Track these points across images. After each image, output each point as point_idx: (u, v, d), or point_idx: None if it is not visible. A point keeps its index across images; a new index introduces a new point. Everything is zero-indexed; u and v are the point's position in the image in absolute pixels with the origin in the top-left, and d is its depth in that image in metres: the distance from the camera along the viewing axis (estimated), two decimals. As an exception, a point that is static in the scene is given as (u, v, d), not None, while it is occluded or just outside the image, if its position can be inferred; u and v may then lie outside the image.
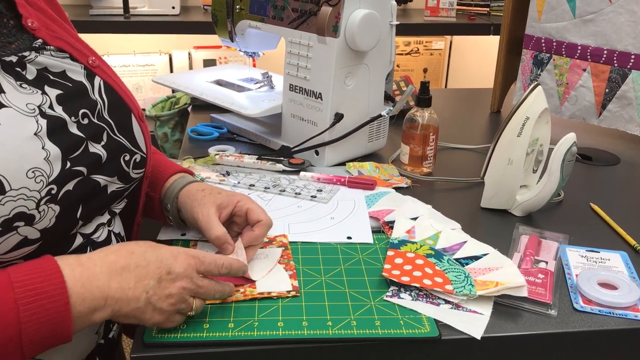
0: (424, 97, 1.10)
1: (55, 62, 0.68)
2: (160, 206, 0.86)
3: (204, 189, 0.83)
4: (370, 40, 1.07)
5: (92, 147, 0.68)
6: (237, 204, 0.81)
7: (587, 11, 1.29)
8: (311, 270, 0.80)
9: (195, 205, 0.80)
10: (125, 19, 2.31)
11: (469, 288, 0.75)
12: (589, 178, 1.18)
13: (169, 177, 0.86)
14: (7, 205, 0.57)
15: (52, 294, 0.57)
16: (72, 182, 0.64)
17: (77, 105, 0.67)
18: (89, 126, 0.68)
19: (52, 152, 0.61)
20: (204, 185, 0.85)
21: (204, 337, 0.66)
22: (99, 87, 0.72)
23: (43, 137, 0.61)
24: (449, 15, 2.58)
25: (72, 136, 0.65)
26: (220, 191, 0.83)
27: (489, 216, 0.99)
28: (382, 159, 1.21)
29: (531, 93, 0.94)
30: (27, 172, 0.58)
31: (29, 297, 0.56)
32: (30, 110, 0.61)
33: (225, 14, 1.25)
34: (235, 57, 2.60)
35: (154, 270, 0.64)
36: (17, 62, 0.64)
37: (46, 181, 0.60)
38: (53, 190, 0.61)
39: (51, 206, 0.61)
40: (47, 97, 0.64)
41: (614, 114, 1.31)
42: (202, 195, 0.81)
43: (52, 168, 0.61)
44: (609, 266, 0.84)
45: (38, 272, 0.58)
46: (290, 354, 0.67)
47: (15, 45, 0.65)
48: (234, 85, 1.34)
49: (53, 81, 0.66)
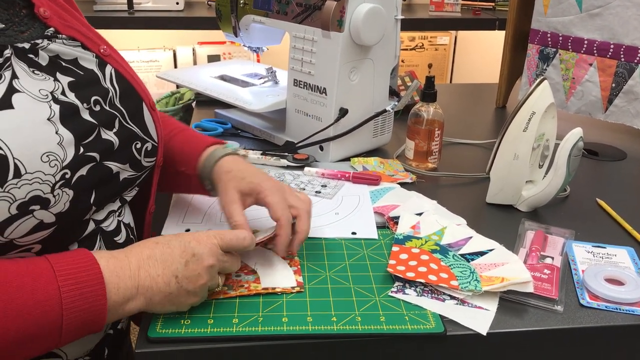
0: (429, 92, 1.10)
1: (67, 50, 0.68)
2: (198, 182, 0.86)
3: (230, 170, 0.81)
4: (375, 35, 1.06)
5: (105, 134, 0.68)
6: (258, 195, 0.79)
7: (594, 5, 1.28)
8: (316, 265, 0.80)
9: (220, 190, 0.80)
10: (130, 15, 2.31)
11: (475, 284, 0.75)
12: (595, 173, 1.17)
13: (204, 150, 0.85)
14: (23, 188, 0.57)
15: (91, 284, 0.59)
16: (86, 168, 0.65)
17: (89, 92, 0.68)
18: (101, 113, 0.68)
19: (65, 137, 0.62)
20: (230, 164, 0.83)
21: (208, 332, 0.66)
22: (111, 75, 0.72)
23: (56, 122, 0.62)
24: (454, 10, 2.57)
25: (84, 122, 0.66)
26: (245, 175, 0.80)
27: (494, 212, 0.98)
28: (387, 154, 1.21)
29: (537, 88, 0.94)
30: (42, 156, 0.59)
31: (70, 284, 0.58)
32: (43, 96, 0.62)
33: (229, 8, 1.25)
34: (239, 53, 2.60)
35: (180, 255, 0.65)
36: (30, 49, 0.64)
37: (60, 165, 0.61)
38: (67, 175, 0.62)
39: (65, 190, 0.62)
40: (60, 84, 0.65)
41: (621, 108, 1.30)
42: (227, 178, 0.80)
43: (65, 153, 0.62)
44: (615, 262, 0.83)
45: (78, 262, 0.60)
46: (295, 350, 0.67)
47: (28, 33, 0.66)
48: (238, 80, 1.34)
49: (65, 68, 0.67)
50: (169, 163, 0.86)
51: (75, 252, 0.62)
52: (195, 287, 0.65)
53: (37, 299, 0.56)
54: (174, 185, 0.91)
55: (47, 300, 0.56)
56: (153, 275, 0.64)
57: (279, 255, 0.78)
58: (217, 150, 0.86)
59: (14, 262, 0.58)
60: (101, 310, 0.60)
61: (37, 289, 0.56)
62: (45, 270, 0.58)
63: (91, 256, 0.61)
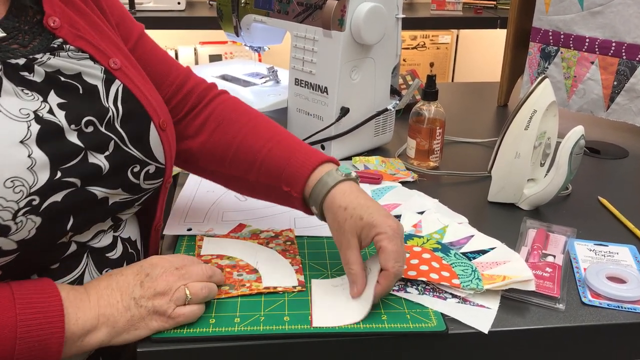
0: (430, 90, 1.10)
1: (70, 65, 0.65)
2: (302, 204, 0.78)
3: (347, 207, 0.71)
4: (376, 34, 1.06)
5: (92, 158, 0.64)
6: (374, 238, 0.70)
7: (595, 3, 1.28)
8: (317, 264, 0.80)
9: (336, 229, 0.73)
10: (131, 15, 2.31)
11: (476, 282, 0.75)
12: (597, 171, 1.17)
13: (314, 171, 0.76)
14: None
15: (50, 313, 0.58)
16: (61, 194, 0.61)
17: (83, 112, 0.64)
18: (93, 135, 0.65)
19: (38, 160, 0.58)
20: (346, 197, 0.72)
21: (209, 332, 0.66)
22: (116, 93, 0.69)
23: (31, 145, 0.58)
24: (456, 8, 2.57)
25: (67, 144, 0.62)
26: (363, 214, 0.70)
27: (496, 210, 0.98)
28: (388, 153, 1.21)
29: (538, 86, 0.94)
30: (5, 182, 0.56)
31: (28, 314, 0.57)
32: (23, 115, 0.59)
33: (230, 8, 1.25)
34: (241, 52, 2.60)
35: (134, 278, 0.66)
36: (24, 65, 0.62)
37: (27, 192, 0.57)
38: (34, 202, 0.58)
39: (31, 217, 0.58)
40: (47, 104, 0.62)
41: (622, 106, 1.30)
42: (343, 217, 0.71)
43: (36, 178, 0.58)
44: (617, 260, 0.83)
45: (39, 291, 0.59)
46: (296, 349, 0.67)
47: (31, 46, 0.64)
48: (240, 80, 1.34)
49: (63, 84, 0.64)
50: (267, 177, 0.79)
51: (38, 281, 0.62)
52: (155, 304, 0.64)
53: None
54: (273, 199, 0.83)
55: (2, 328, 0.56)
56: (112, 302, 0.64)
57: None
58: (330, 174, 0.75)
59: None
60: (57, 342, 0.58)
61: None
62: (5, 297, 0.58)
63: (54, 286, 0.61)
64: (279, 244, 0.84)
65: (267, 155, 0.79)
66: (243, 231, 0.87)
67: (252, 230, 0.87)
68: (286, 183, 0.77)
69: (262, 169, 0.79)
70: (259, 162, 0.79)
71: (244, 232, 0.86)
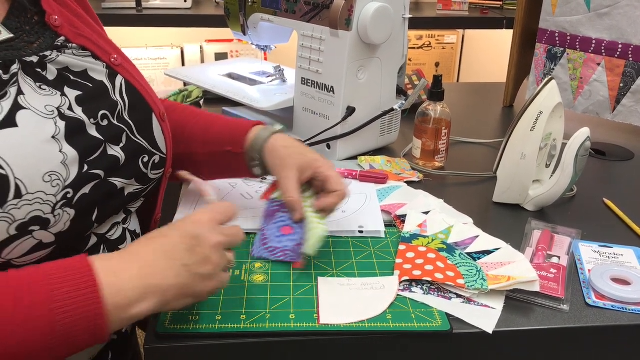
0: (436, 91, 1.10)
1: (76, 62, 0.67)
2: (244, 160, 0.87)
3: (288, 146, 0.83)
4: (382, 34, 1.06)
5: (111, 150, 0.67)
6: (317, 169, 0.81)
7: (602, 5, 1.28)
8: (323, 263, 0.81)
9: (278, 164, 0.82)
10: (138, 13, 2.32)
11: (481, 282, 0.75)
12: (602, 173, 1.17)
13: (251, 129, 0.87)
14: (23, 209, 0.56)
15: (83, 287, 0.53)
16: (89, 186, 0.63)
17: (97, 106, 0.67)
18: (108, 128, 0.67)
19: (69, 155, 0.61)
20: (287, 140, 0.85)
21: (216, 328, 0.67)
22: (120, 86, 0.71)
23: (61, 140, 0.60)
24: (462, 8, 2.57)
25: (90, 138, 0.64)
26: (303, 151, 0.83)
27: (501, 211, 0.99)
28: (394, 152, 1.21)
29: (545, 87, 0.94)
30: (44, 176, 0.58)
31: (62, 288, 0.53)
32: (49, 112, 0.61)
33: (237, 7, 1.25)
34: (247, 51, 2.61)
35: (180, 242, 0.60)
36: (38, 63, 0.63)
37: (62, 185, 0.59)
38: (69, 194, 0.60)
39: (66, 210, 0.60)
40: (67, 99, 0.64)
41: (629, 108, 1.30)
42: (285, 153, 0.82)
43: (68, 172, 0.60)
44: (622, 262, 0.83)
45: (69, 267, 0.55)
46: (302, 346, 0.68)
47: (37, 44, 0.65)
48: (246, 78, 1.35)
49: (73, 81, 0.66)
50: (212, 145, 0.88)
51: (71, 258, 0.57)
52: (207, 269, 0.60)
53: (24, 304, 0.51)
54: (215, 170, 0.92)
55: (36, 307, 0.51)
56: (159, 270, 0.58)
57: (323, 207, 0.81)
58: (266, 128, 0.87)
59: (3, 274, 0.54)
60: (99, 315, 0.53)
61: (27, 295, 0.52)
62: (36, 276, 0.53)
63: (85, 259, 0.56)
64: None
65: (208, 128, 0.90)
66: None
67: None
68: (229, 143, 0.87)
69: (206, 139, 0.89)
70: (202, 135, 0.89)
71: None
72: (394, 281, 0.76)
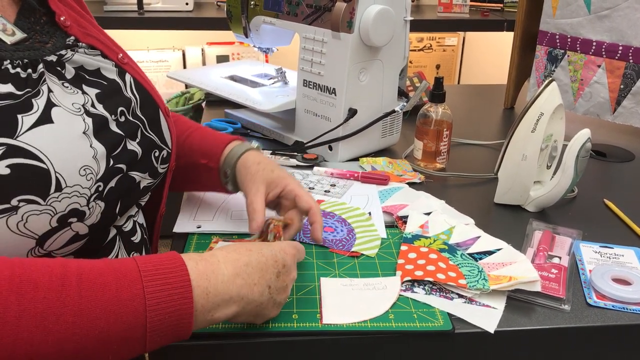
0: (437, 92, 1.11)
1: (89, 60, 0.68)
2: (218, 175, 0.88)
3: (260, 162, 0.85)
4: (384, 36, 1.07)
5: (130, 145, 0.69)
6: (285, 187, 0.82)
7: (603, 7, 1.28)
8: (325, 264, 0.81)
9: (248, 179, 0.83)
10: (139, 15, 2.33)
11: (483, 282, 0.75)
12: (603, 174, 1.17)
13: (227, 145, 0.88)
14: (63, 202, 0.59)
15: (177, 285, 0.55)
16: (115, 179, 0.65)
17: (115, 103, 0.68)
18: (126, 124, 0.69)
19: (98, 150, 0.63)
20: (260, 157, 0.86)
21: (219, 328, 0.67)
22: (130, 84, 0.73)
23: (90, 136, 0.63)
24: (462, 11, 2.57)
25: (113, 134, 0.66)
26: (274, 168, 0.84)
27: (502, 212, 0.99)
28: (395, 154, 1.21)
29: (545, 89, 0.94)
30: (80, 170, 0.60)
31: (155, 285, 0.54)
32: (76, 109, 0.63)
33: (239, 9, 1.26)
34: (248, 53, 2.62)
35: (273, 265, 0.64)
36: (57, 62, 0.64)
37: (95, 178, 0.62)
38: (100, 187, 0.63)
39: (98, 202, 0.63)
40: (88, 96, 0.66)
41: (629, 110, 1.30)
42: (256, 169, 0.83)
43: (99, 166, 0.63)
44: (622, 262, 0.84)
45: (164, 263, 0.57)
46: (305, 346, 0.68)
47: (51, 44, 0.66)
48: (248, 81, 1.35)
49: (89, 80, 0.67)
50: (188, 157, 0.89)
51: (164, 254, 0.59)
52: (281, 298, 0.65)
53: (120, 297, 0.53)
54: (188, 181, 0.93)
55: (131, 300, 0.53)
56: (250, 283, 0.61)
57: (318, 241, 0.81)
58: (242, 144, 0.88)
59: (100, 261, 0.56)
60: (187, 314, 0.56)
61: (121, 288, 0.53)
62: (130, 270, 0.55)
63: (179, 258, 0.58)
64: None
65: (186, 139, 0.90)
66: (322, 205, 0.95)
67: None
68: (204, 156, 0.88)
69: (183, 150, 0.89)
70: (180, 145, 0.89)
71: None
72: (396, 281, 0.76)
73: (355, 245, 0.85)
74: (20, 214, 0.56)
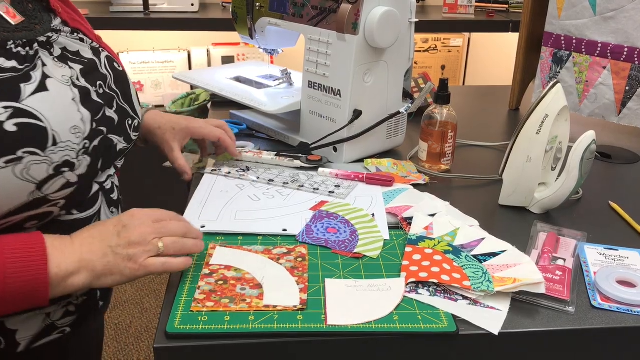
0: (442, 94, 1.11)
1: (70, 43, 0.80)
2: None
3: (160, 126, 1.04)
4: (389, 38, 1.07)
5: (108, 112, 0.81)
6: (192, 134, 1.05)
7: (608, 8, 1.28)
8: (330, 265, 0.81)
9: (160, 143, 1.04)
10: (145, 16, 2.34)
11: (487, 284, 0.75)
12: (607, 176, 1.17)
13: None
14: (58, 154, 0.70)
15: (34, 257, 0.67)
16: (97, 139, 0.77)
17: (95, 77, 0.80)
18: (104, 95, 0.81)
19: (84, 114, 0.75)
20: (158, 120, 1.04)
21: (224, 329, 0.68)
22: (105, 62, 0.85)
23: (77, 103, 0.75)
24: (468, 12, 2.57)
25: (95, 102, 0.78)
26: (173, 125, 1.04)
27: (507, 213, 0.99)
28: (400, 155, 1.22)
29: (550, 90, 0.94)
30: (70, 129, 0.72)
31: (15, 257, 0.65)
32: (65, 81, 0.75)
33: (245, 11, 1.26)
34: (253, 54, 2.62)
35: (113, 228, 0.73)
36: (46, 42, 0.76)
37: (82, 137, 0.74)
38: (86, 145, 0.75)
39: (85, 157, 0.74)
40: (74, 71, 0.77)
41: (634, 112, 1.30)
42: (161, 133, 1.04)
43: (85, 127, 0.75)
44: (627, 264, 0.84)
45: (25, 240, 0.68)
46: (309, 347, 0.69)
47: (40, 26, 0.77)
48: (253, 82, 1.36)
49: (72, 59, 0.79)
50: None
51: (27, 234, 0.69)
52: (128, 251, 0.71)
53: None
54: None
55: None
56: (92, 249, 0.71)
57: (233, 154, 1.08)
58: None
59: None
60: (43, 281, 0.66)
61: None
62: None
63: (40, 235, 0.69)
64: (289, 260, 0.82)
65: None
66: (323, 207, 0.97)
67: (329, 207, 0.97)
68: None
69: None
70: None
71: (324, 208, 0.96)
72: (401, 283, 0.77)
73: (358, 247, 0.85)
74: (24, 163, 0.67)
